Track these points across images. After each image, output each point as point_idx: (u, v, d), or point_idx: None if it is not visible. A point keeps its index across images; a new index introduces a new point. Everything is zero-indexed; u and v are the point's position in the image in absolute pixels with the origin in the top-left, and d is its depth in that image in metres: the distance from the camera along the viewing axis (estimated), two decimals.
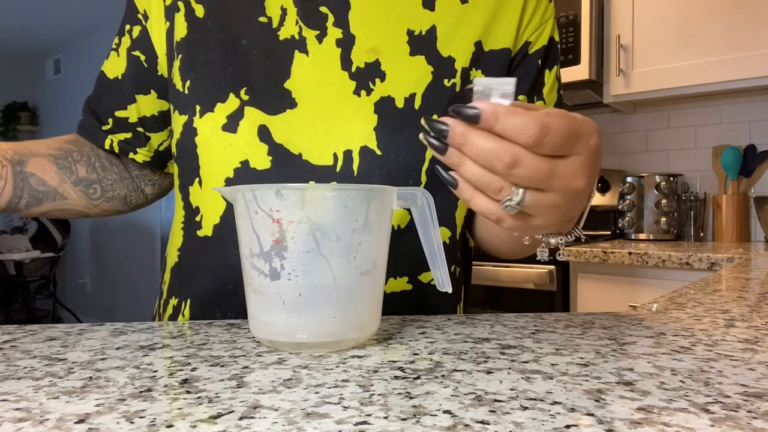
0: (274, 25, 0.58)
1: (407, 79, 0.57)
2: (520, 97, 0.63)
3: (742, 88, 1.76)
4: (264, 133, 0.56)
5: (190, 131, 0.59)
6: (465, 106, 0.35)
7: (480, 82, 0.36)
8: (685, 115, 2.08)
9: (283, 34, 0.58)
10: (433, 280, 0.58)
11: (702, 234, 1.95)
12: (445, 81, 0.58)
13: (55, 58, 5.05)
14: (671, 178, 1.90)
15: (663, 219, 1.90)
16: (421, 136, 0.37)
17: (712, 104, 2.03)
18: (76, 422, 0.28)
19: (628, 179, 1.93)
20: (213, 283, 0.59)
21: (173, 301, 0.64)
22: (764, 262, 1.17)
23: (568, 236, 0.48)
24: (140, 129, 0.66)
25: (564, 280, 1.69)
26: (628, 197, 1.93)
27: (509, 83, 0.35)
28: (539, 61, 0.63)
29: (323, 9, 0.58)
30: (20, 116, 5.22)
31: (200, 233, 0.59)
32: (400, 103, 0.57)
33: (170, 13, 0.61)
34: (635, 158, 2.18)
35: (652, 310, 0.57)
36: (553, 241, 0.48)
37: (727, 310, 0.57)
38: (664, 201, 1.89)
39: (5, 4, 3.97)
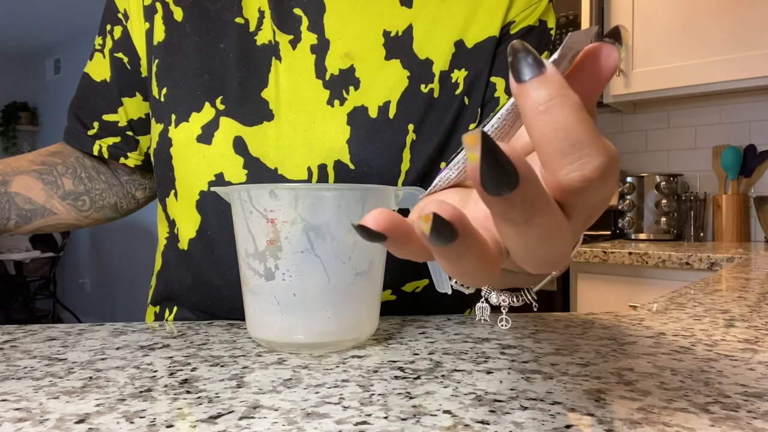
0: (251, 28, 0.56)
1: (382, 85, 0.55)
2: (494, 79, 0.58)
3: (742, 88, 1.76)
4: (239, 146, 0.54)
5: (165, 141, 0.57)
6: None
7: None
8: (685, 115, 2.08)
9: (261, 39, 0.56)
10: (417, 288, 0.57)
11: (702, 234, 1.95)
12: (422, 86, 0.55)
13: (55, 58, 5.05)
14: (671, 178, 1.90)
15: (663, 219, 1.90)
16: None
17: (712, 104, 2.03)
18: (76, 422, 0.28)
19: (628, 179, 1.93)
20: (191, 298, 0.58)
21: (155, 309, 0.64)
22: (764, 262, 1.17)
23: (515, 298, 0.38)
24: (129, 133, 0.64)
25: (564, 280, 1.69)
26: (628, 197, 1.93)
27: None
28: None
29: (297, 11, 0.56)
30: (20, 116, 5.22)
31: (179, 246, 0.58)
32: (373, 113, 0.54)
33: (149, 13, 0.60)
34: (635, 158, 2.18)
35: (652, 310, 0.57)
36: (494, 299, 0.38)
37: (727, 310, 0.57)
38: (664, 201, 1.89)
39: (5, 5, 3.97)
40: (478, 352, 0.40)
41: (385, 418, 0.28)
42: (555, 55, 0.21)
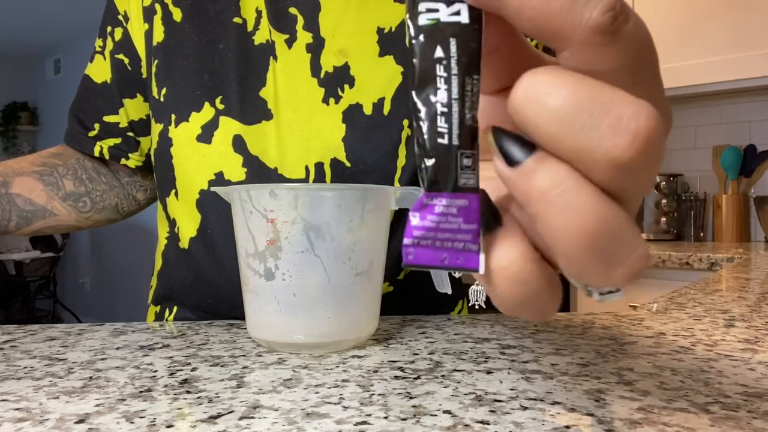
0: (249, 28, 0.57)
1: (376, 82, 0.55)
2: None
3: (742, 88, 1.76)
4: (239, 144, 0.54)
5: (165, 141, 0.57)
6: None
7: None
8: (685, 115, 2.08)
9: (258, 38, 0.56)
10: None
11: (702, 234, 1.95)
12: None
13: (55, 58, 5.05)
14: (671, 178, 1.90)
15: (663, 219, 1.90)
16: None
17: (712, 104, 2.03)
18: (76, 422, 0.28)
19: None
20: (192, 297, 0.58)
21: (155, 309, 0.64)
22: (764, 262, 1.17)
23: None
24: (130, 134, 0.64)
25: (564, 280, 1.69)
26: None
27: None
28: None
29: (292, 10, 0.56)
30: (20, 116, 5.22)
31: (180, 245, 0.59)
32: (368, 110, 0.55)
33: (148, 14, 0.60)
34: None
35: (652, 310, 0.57)
36: None
37: (727, 310, 0.57)
38: (664, 201, 1.89)
39: (5, 5, 3.97)
40: (478, 352, 0.40)
41: (385, 418, 0.28)
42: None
